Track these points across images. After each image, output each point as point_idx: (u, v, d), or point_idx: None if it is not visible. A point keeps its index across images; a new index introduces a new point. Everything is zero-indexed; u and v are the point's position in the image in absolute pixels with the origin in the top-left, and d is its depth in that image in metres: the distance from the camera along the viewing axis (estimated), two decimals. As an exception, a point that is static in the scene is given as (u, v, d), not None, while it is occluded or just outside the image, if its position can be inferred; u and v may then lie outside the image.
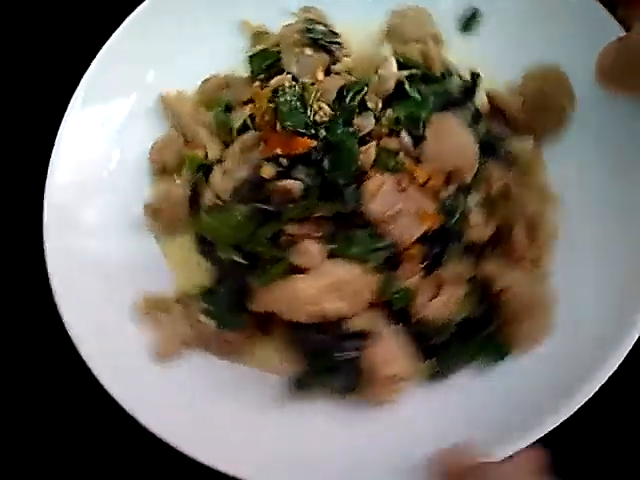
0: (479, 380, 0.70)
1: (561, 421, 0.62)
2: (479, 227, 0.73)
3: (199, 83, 0.87)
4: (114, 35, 0.84)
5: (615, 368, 0.63)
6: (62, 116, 0.82)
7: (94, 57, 0.83)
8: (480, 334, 0.71)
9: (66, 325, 0.72)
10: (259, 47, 0.85)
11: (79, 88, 0.83)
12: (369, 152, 0.72)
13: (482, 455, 0.59)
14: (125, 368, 0.72)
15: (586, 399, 0.62)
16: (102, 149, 0.84)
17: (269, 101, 0.76)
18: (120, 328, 0.75)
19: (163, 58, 0.86)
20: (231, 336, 0.74)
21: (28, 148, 0.94)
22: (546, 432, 0.61)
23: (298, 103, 0.75)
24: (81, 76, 0.83)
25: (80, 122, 0.83)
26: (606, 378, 0.62)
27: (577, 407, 0.62)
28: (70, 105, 0.82)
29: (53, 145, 0.81)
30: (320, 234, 0.71)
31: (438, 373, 0.71)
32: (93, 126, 0.84)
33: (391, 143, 0.73)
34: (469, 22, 0.82)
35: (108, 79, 0.84)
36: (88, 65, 0.83)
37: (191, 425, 0.69)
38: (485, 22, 0.81)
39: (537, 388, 0.66)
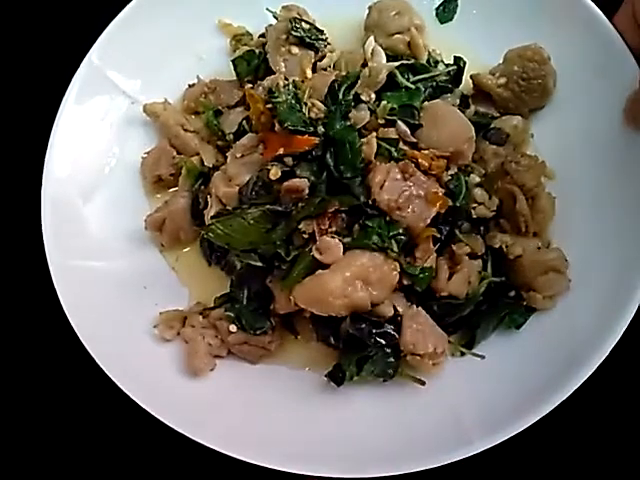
0: (502, 346, 0.74)
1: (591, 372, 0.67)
2: (483, 204, 0.77)
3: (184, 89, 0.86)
4: (103, 34, 0.83)
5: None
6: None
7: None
8: (503, 300, 0.74)
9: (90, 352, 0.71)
10: (243, 49, 0.84)
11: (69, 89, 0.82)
12: (371, 143, 0.73)
13: None
14: (156, 384, 0.72)
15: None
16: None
17: (266, 102, 0.76)
18: (142, 346, 0.74)
19: (147, 64, 0.85)
20: (260, 340, 0.74)
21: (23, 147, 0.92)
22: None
23: (294, 101, 0.76)
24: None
25: (74, 120, 0.82)
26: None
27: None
28: (61, 106, 0.82)
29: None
30: (334, 229, 0.73)
31: (468, 343, 0.74)
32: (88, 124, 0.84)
33: (389, 133, 0.75)
34: (446, 9, 0.85)
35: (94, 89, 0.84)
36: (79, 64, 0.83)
37: (241, 429, 0.69)
38: (462, 8, 0.85)
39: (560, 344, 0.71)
